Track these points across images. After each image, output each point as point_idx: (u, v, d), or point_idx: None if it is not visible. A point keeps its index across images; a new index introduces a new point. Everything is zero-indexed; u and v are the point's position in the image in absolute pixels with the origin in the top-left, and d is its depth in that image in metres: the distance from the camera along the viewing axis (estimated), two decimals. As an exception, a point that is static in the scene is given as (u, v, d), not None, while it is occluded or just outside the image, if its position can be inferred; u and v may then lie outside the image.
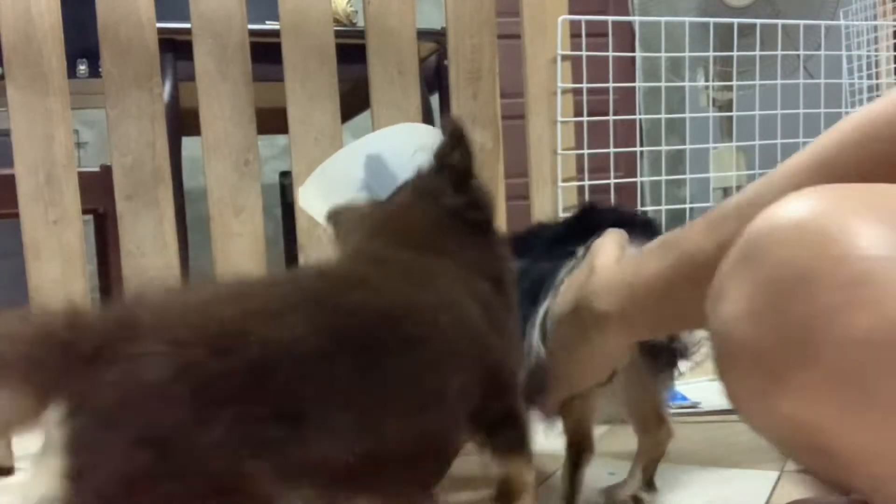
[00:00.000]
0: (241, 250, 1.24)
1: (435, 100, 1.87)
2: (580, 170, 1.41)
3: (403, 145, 0.96)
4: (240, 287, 0.49)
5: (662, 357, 0.82)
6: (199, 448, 0.38)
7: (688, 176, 1.79)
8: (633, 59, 1.68)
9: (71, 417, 0.37)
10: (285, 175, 2.91)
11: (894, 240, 0.42)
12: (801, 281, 0.42)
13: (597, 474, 0.86)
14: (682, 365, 0.85)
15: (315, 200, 0.98)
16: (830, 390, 0.41)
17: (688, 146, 1.62)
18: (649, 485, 0.85)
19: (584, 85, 1.42)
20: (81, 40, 1.34)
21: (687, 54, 1.54)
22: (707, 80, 1.78)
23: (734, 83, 1.70)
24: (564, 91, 1.36)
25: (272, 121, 1.50)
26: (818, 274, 0.42)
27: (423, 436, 0.50)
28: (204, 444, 0.38)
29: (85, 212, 1.29)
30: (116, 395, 0.38)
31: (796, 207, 0.45)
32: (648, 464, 0.85)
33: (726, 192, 1.88)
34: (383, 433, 0.47)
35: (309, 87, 1.26)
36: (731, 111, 1.82)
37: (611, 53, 1.43)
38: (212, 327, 0.42)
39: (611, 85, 1.43)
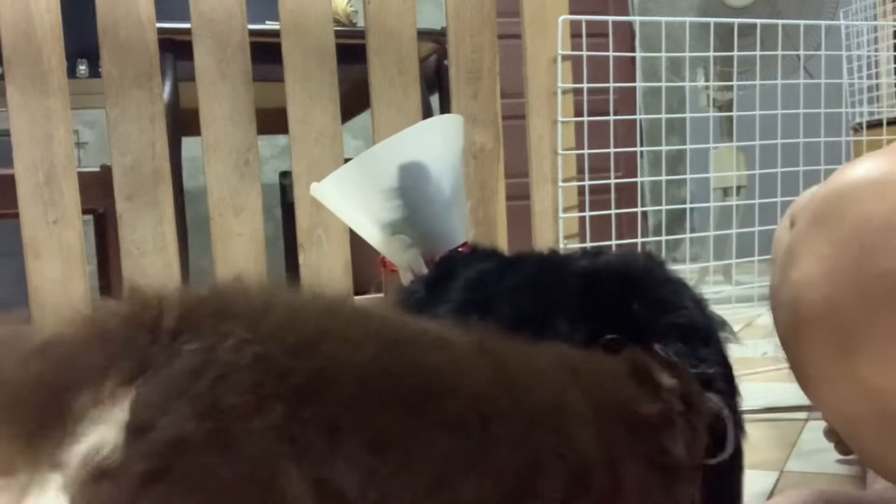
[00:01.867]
0: (241, 250, 1.24)
1: (435, 100, 1.87)
2: (580, 170, 1.41)
3: (436, 143, 0.95)
4: (327, 305, 0.51)
5: None
6: (248, 433, 0.40)
7: (688, 176, 1.79)
8: (634, 59, 1.68)
9: (147, 379, 0.40)
10: (285, 175, 2.92)
11: None
12: (883, 234, 0.40)
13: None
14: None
15: (338, 197, 0.98)
16: None
17: (688, 146, 1.62)
18: None
19: (585, 85, 1.42)
20: (81, 40, 1.34)
21: (687, 54, 1.54)
22: (707, 80, 1.78)
23: (734, 83, 1.70)
24: (565, 91, 1.36)
25: (272, 121, 1.50)
26: None
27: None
28: (252, 431, 0.40)
29: (85, 212, 1.29)
30: (192, 364, 0.41)
31: (869, 167, 0.43)
32: None
33: (726, 192, 1.88)
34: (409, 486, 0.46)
35: (309, 87, 1.26)
36: (731, 111, 1.82)
37: (611, 53, 1.43)
38: (292, 331, 0.44)
39: (611, 85, 1.43)
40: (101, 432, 0.39)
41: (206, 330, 0.42)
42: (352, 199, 0.97)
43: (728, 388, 0.69)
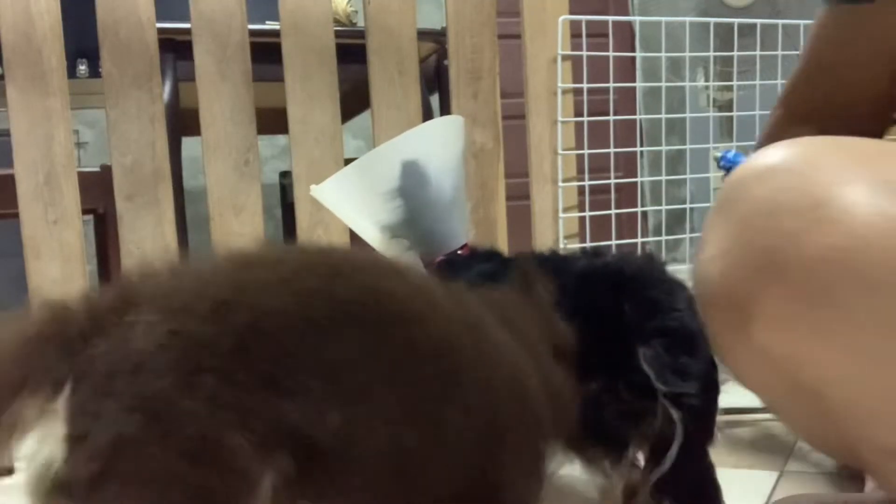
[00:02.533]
0: (241, 250, 1.24)
1: (435, 100, 1.87)
2: (580, 170, 1.41)
3: (436, 146, 0.96)
4: (242, 258, 0.49)
5: None
6: (181, 414, 0.40)
7: (688, 176, 1.79)
8: (634, 59, 1.68)
9: (73, 386, 0.40)
10: (285, 175, 2.91)
11: (853, 171, 0.44)
12: (767, 214, 0.45)
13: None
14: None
15: (338, 198, 0.98)
16: (799, 312, 0.43)
17: (688, 146, 1.62)
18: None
19: (585, 85, 1.42)
20: (81, 40, 1.34)
21: (687, 54, 1.54)
22: (707, 80, 1.79)
23: (734, 83, 1.70)
24: (565, 91, 1.36)
25: (272, 121, 1.50)
26: (782, 204, 0.45)
27: (396, 426, 0.48)
28: (185, 411, 0.40)
29: (85, 212, 1.29)
30: (108, 363, 0.40)
31: (765, 156, 0.49)
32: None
33: (726, 192, 1.87)
34: (359, 411, 0.45)
35: (309, 87, 1.26)
36: (731, 111, 1.82)
37: (611, 53, 1.43)
38: (204, 297, 0.43)
39: (611, 85, 1.43)
40: (47, 450, 0.40)
41: (113, 325, 0.41)
42: (352, 200, 0.97)
43: (705, 398, 0.69)
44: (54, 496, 0.40)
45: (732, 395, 1.28)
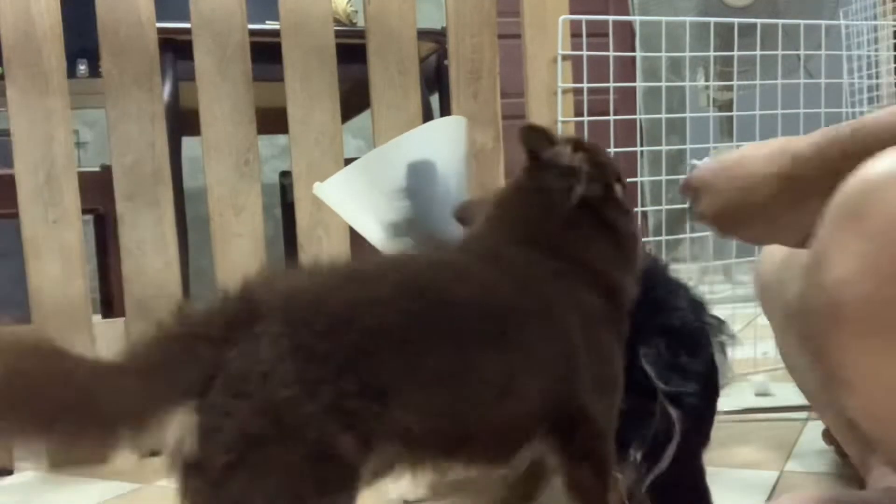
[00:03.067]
0: (241, 250, 1.24)
1: (435, 100, 1.86)
2: (580, 170, 1.41)
3: (440, 146, 0.95)
4: (352, 273, 0.57)
5: None
6: (302, 418, 0.47)
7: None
8: (634, 58, 1.68)
9: (210, 388, 0.48)
10: (285, 175, 2.91)
11: None
12: None
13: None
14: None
15: (341, 197, 0.98)
16: None
17: (688, 146, 1.61)
18: None
19: (585, 85, 1.42)
20: (81, 40, 1.34)
21: (687, 54, 1.54)
22: (707, 80, 1.79)
23: (734, 83, 1.70)
24: (565, 91, 1.36)
25: (272, 121, 1.50)
26: None
27: (495, 421, 0.56)
28: (305, 415, 0.47)
29: (85, 212, 1.29)
30: (240, 369, 0.48)
31: (889, 162, 0.43)
32: None
33: (726, 191, 1.87)
34: (463, 413, 0.54)
35: (309, 87, 1.26)
36: (731, 111, 1.82)
37: (611, 53, 1.43)
38: (320, 313, 0.51)
39: (611, 85, 1.43)
40: (182, 433, 0.48)
41: (243, 335, 0.49)
42: (355, 199, 0.97)
43: (704, 398, 0.69)
44: (190, 475, 0.48)
45: (732, 395, 1.28)
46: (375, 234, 0.97)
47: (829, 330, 0.43)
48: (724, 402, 1.21)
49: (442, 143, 0.96)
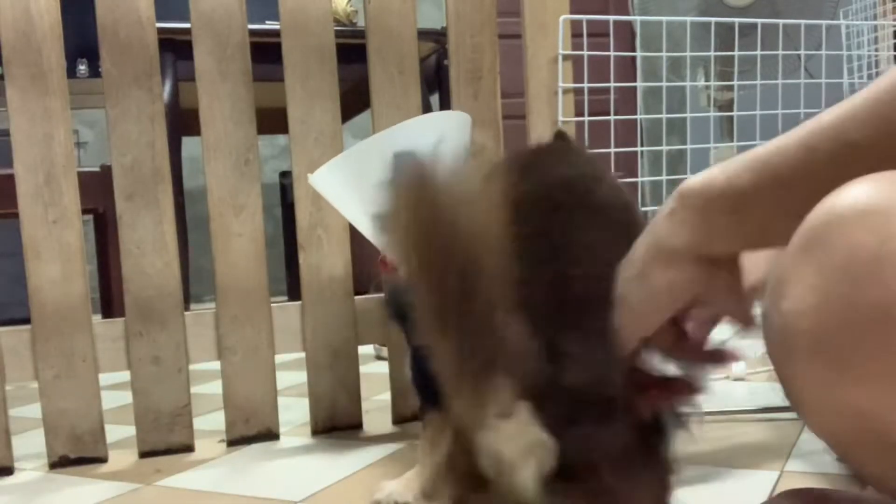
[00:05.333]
0: (241, 250, 1.24)
1: (435, 100, 1.87)
2: (581, 170, 1.41)
3: (433, 138, 0.94)
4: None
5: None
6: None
7: (688, 176, 1.78)
8: (634, 58, 1.67)
9: None
10: (285, 175, 2.92)
11: None
12: (874, 266, 0.41)
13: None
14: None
15: (332, 186, 0.97)
16: None
17: (688, 146, 1.62)
18: None
19: (585, 85, 1.42)
20: (81, 40, 1.34)
21: (688, 54, 1.54)
22: (707, 80, 1.78)
23: (735, 83, 1.70)
24: (565, 91, 1.36)
25: (272, 121, 1.50)
26: (889, 255, 0.40)
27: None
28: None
29: (85, 212, 1.30)
30: None
31: (857, 195, 0.44)
32: None
33: (727, 191, 1.87)
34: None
35: (309, 86, 1.26)
36: (731, 111, 1.82)
37: (612, 53, 1.43)
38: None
39: (612, 84, 1.43)
40: None
41: None
42: (345, 188, 0.97)
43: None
44: None
45: (732, 395, 1.28)
46: (365, 224, 0.96)
47: (783, 355, 0.46)
48: (724, 402, 1.21)
49: (434, 136, 0.95)
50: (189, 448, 1.22)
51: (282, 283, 3.05)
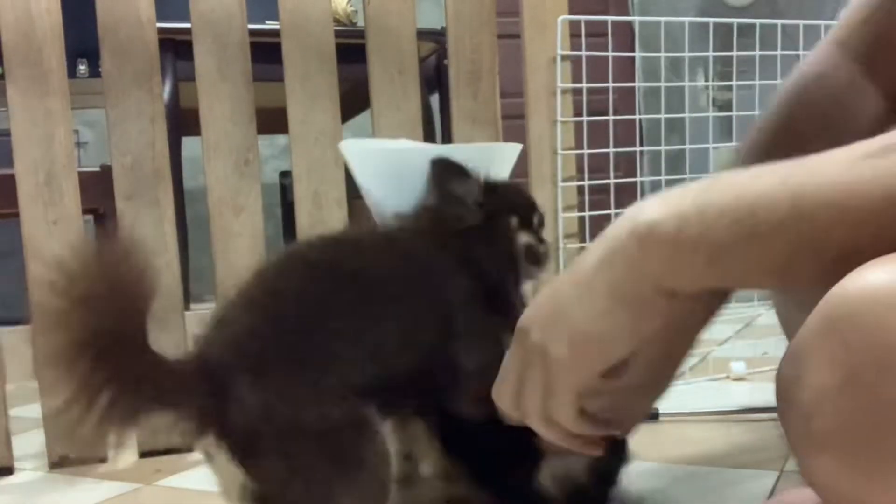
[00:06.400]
0: (241, 250, 1.24)
1: (435, 100, 1.87)
2: (580, 169, 1.41)
3: (481, 168, 0.97)
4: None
5: None
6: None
7: (688, 176, 1.79)
8: (633, 58, 1.68)
9: None
10: (285, 175, 2.91)
11: None
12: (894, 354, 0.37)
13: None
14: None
15: (364, 165, 0.98)
16: None
17: (688, 146, 1.62)
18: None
19: (584, 85, 1.42)
20: (81, 40, 1.34)
21: (687, 54, 1.54)
22: (707, 80, 1.79)
23: (734, 83, 1.70)
24: (564, 91, 1.36)
25: (272, 121, 1.50)
26: None
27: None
28: None
29: (85, 212, 1.29)
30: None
31: (884, 278, 0.40)
32: None
33: (726, 191, 1.87)
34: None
35: (309, 87, 1.26)
36: (730, 111, 1.82)
37: (611, 53, 1.43)
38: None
39: (611, 85, 1.43)
40: None
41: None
42: (376, 174, 0.97)
43: None
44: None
45: (732, 395, 1.28)
46: (378, 207, 0.97)
47: (804, 432, 0.42)
48: (724, 402, 1.21)
49: (483, 166, 0.97)
50: (189, 448, 1.22)
51: (281, 283, 3.04)
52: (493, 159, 0.99)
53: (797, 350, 0.42)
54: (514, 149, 1.00)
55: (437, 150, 0.96)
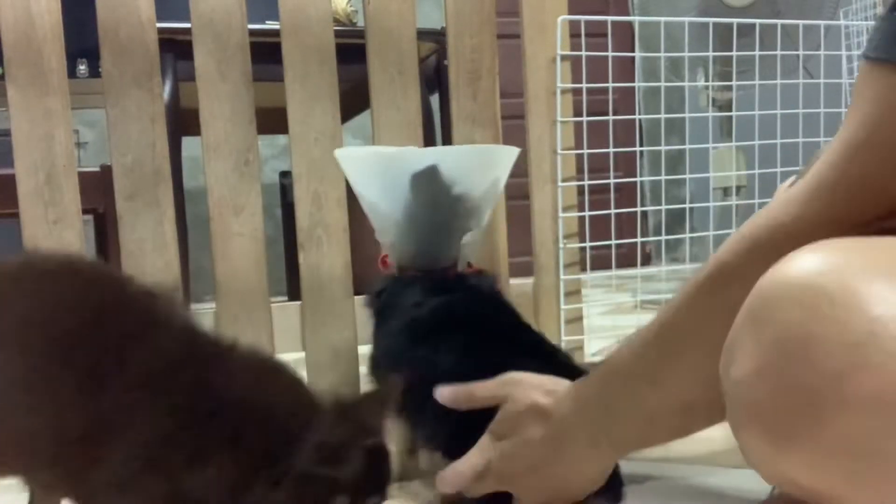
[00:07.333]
0: (241, 250, 1.24)
1: (435, 100, 1.87)
2: (580, 169, 1.41)
3: (474, 169, 0.97)
4: None
5: None
6: None
7: (688, 176, 1.79)
8: (633, 59, 1.68)
9: None
10: (285, 175, 2.91)
11: None
12: (804, 344, 0.41)
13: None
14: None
15: (359, 172, 0.99)
16: (836, 457, 0.40)
17: (688, 146, 1.62)
18: None
19: (584, 85, 1.42)
20: (81, 40, 1.34)
21: (687, 54, 1.54)
22: (707, 80, 1.78)
23: (734, 83, 1.70)
24: (564, 91, 1.36)
25: (272, 121, 1.50)
26: (821, 337, 0.41)
27: None
28: None
29: (85, 212, 1.30)
30: None
31: (799, 267, 0.44)
32: None
33: (726, 191, 1.88)
34: None
35: (309, 87, 1.26)
36: (730, 111, 1.82)
37: (610, 53, 1.43)
38: None
39: (611, 85, 1.43)
40: None
41: None
42: (372, 180, 0.98)
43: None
44: None
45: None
46: (376, 215, 0.97)
47: (731, 416, 0.47)
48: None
49: (476, 167, 0.98)
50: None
51: (282, 283, 3.05)
52: (491, 162, 1.00)
53: (728, 344, 0.47)
54: (511, 152, 1.00)
55: (434, 153, 0.97)
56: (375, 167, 0.97)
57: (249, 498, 0.50)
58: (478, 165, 0.98)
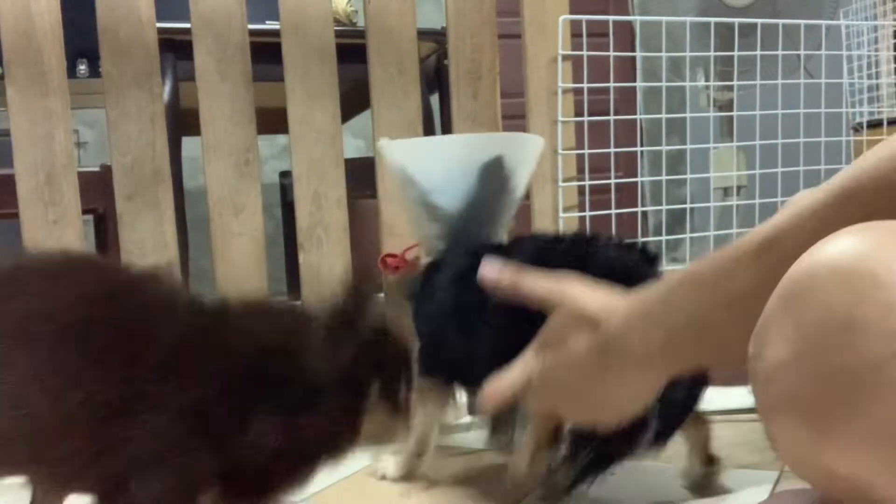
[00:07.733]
0: (241, 250, 1.24)
1: (435, 100, 1.86)
2: (580, 169, 1.41)
3: (524, 158, 0.98)
4: None
5: None
6: None
7: (688, 176, 1.79)
8: (634, 58, 1.67)
9: None
10: (285, 175, 2.91)
11: None
12: (846, 329, 0.40)
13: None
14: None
15: (406, 160, 0.99)
16: (877, 445, 0.40)
17: (688, 146, 1.62)
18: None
19: (585, 85, 1.42)
20: (81, 40, 1.34)
21: (687, 54, 1.54)
22: (707, 80, 1.78)
23: (734, 83, 1.70)
24: (565, 91, 1.36)
25: (272, 121, 1.50)
26: (864, 322, 0.40)
27: None
28: None
29: (85, 212, 1.30)
30: None
31: (839, 248, 0.43)
32: None
33: (726, 192, 1.88)
34: None
35: (309, 86, 1.26)
36: (731, 111, 1.82)
37: (611, 53, 1.43)
38: None
39: (611, 85, 1.43)
40: None
41: None
42: (421, 168, 0.98)
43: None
44: None
45: (732, 395, 1.27)
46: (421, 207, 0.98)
47: (762, 403, 0.46)
48: (724, 401, 1.21)
49: (526, 156, 1.00)
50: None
51: (282, 283, 3.05)
52: (536, 150, 1.02)
53: (760, 326, 0.46)
54: (536, 141, 1.02)
55: (467, 139, 0.98)
56: (437, 154, 0.98)
57: (297, 440, 0.56)
58: (532, 153, 1.00)
